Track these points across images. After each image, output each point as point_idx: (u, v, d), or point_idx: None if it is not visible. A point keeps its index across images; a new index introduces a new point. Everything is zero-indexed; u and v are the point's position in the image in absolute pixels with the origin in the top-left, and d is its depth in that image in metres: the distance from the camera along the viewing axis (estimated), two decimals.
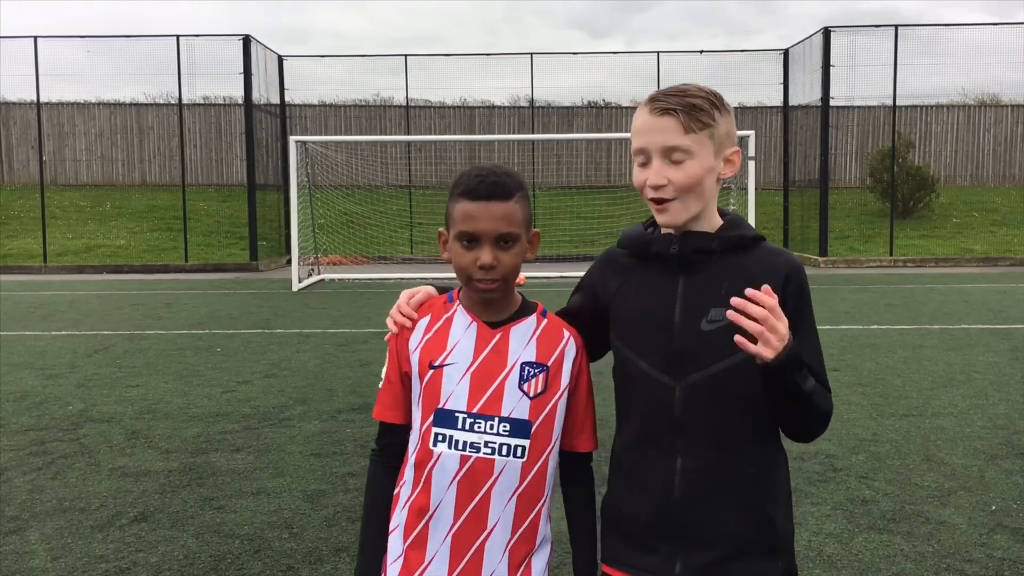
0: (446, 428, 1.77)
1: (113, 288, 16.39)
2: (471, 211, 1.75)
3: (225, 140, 26.31)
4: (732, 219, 1.77)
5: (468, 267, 1.76)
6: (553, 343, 1.84)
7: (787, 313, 1.64)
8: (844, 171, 26.19)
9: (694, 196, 1.69)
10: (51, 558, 3.84)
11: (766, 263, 1.71)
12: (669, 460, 1.70)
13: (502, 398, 1.77)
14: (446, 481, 1.76)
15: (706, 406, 1.68)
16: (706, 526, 1.69)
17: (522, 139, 24.77)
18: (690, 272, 1.72)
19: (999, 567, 3.66)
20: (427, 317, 1.85)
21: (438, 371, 1.78)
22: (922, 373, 7.62)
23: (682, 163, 1.67)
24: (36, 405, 6.74)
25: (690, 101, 1.67)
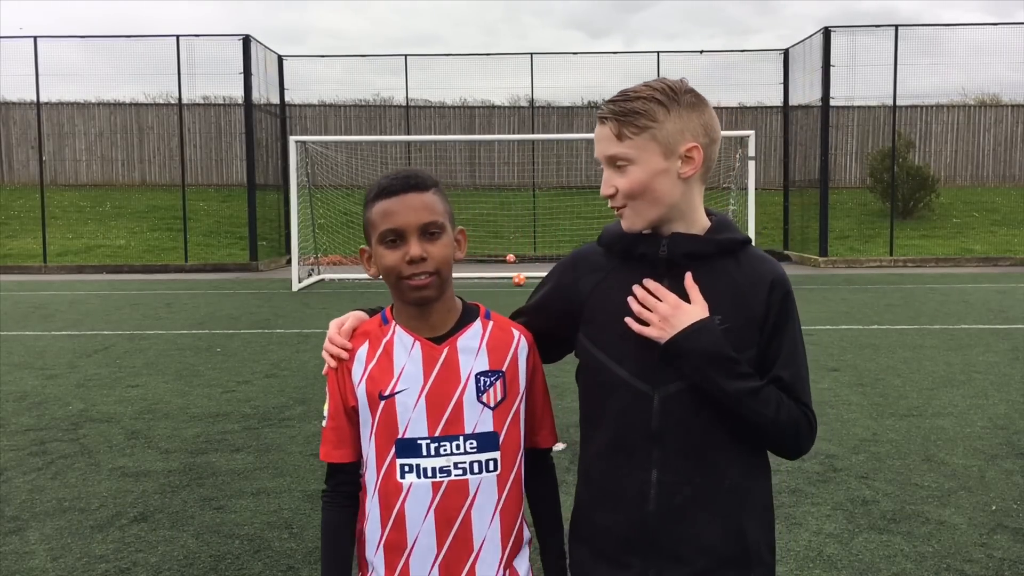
0: (411, 458, 1.69)
1: (113, 288, 16.38)
2: (389, 207, 1.68)
3: (225, 140, 26.31)
4: (720, 221, 1.70)
5: (397, 265, 1.67)
6: (504, 346, 1.76)
7: (769, 322, 1.64)
8: (844, 171, 26.19)
9: (645, 202, 1.62)
10: (51, 558, 3.84)
11: (752, 269, 1.66)
12: (644, 472, 1.63)
13: (463, 415, 1.70)
14: (421, 513, 1.69)
15: (685, 416, 1.62)
16: (682, 540, 1.63)
17: (522, 139, 24.77)
18: (675, 276, 1.64)
19: (999, 567, 3.66)
20: (364, 345, 1.75)
21: (390, 400, 1.70)
22: (922, 373, 7.61)
23: (624, 169, 1.62)
24: (36, 405, 6.74)
25: (626, 106, 1.60)
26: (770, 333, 1.65)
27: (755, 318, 1.63)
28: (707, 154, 1.64)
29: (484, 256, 21.19)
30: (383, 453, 1.71)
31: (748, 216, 16.27)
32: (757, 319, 1.63)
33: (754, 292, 1.64)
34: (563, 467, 5.03)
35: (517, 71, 24.22)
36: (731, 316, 1.62)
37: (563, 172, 25.37)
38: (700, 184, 1.68)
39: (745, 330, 1.63)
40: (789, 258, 22.07)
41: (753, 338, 1.64)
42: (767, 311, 1.64)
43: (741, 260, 1.68)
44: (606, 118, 1.63)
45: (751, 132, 16.68)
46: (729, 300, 1.63)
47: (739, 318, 1.63)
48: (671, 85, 1.63)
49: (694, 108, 1.63)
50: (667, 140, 1.60)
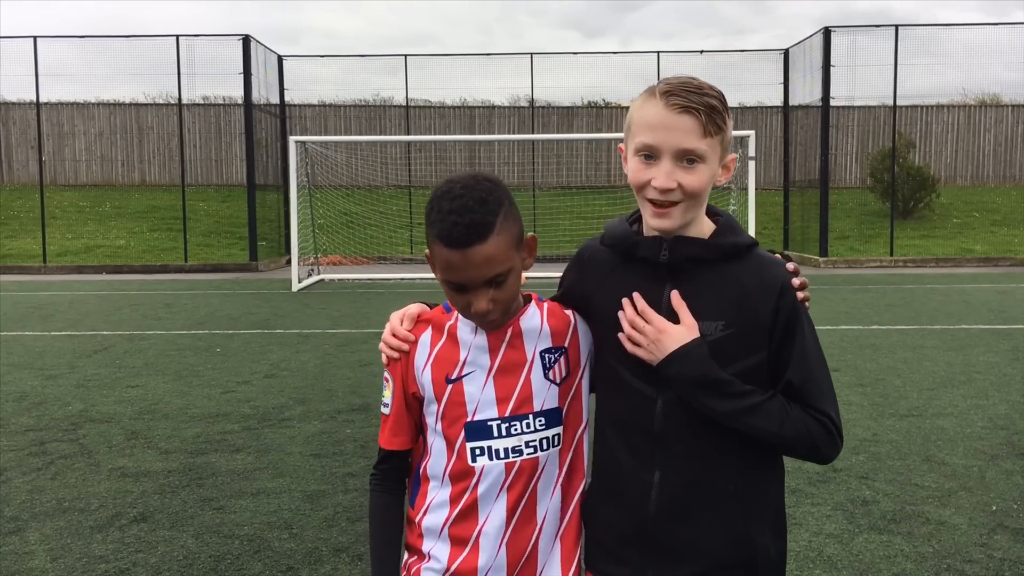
0: (482, 440, 1.69)
1: (113, 288, 16.38)
2: (451, 261, 1.60)
3: (225, 140, 26.30)
4: (725, 223, 1.68)
5: (461, 309, 1.68)
6: (563, 323, 1.78)
7: (779, 327, 1.61)
8: (844, 171, 26.18)
9: (697, 203, 1.61)
10: (51, 558, 3.84)
11: (759, 275, 1.62)
12: (646, 473, 1.63)
13: (531, 393, 1.71)
14: (493, 494, 1.69)
15: (688, 420, 1.60)
16: (680, 542, 1.62)
17: (522, 139, 24.76)
18: (679, 280, 1.62)
19: (999, 567, 3.66)
20: (428, 330, 1.75)
21: (458, 384, 1.70)
22: (922, 373, 7.61)
23: (694, 167, 1.56)
24: (36, 405, 6.74)
25: (708, 101, 1.55)
26: (780, 339, 1.62)
27: (763, 323, 1.61)
28: None
29: None
30: (452, 438, 1.71)
31: (748, 216, 16.26)
32: (766, 324, 1.61)
33: (762, 297, 1.60)
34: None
35: (517, 71, 24.22)
36: (736, 321, 1.60)
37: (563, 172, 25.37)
38: None
39: (752, 335, 1.61)
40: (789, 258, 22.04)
41: (761, 343, 1.61)
42: (776, 317, 1.61)
43: (747, 263, 1.64)
44: (696, 109, 1.53)
45: (751, 132, 16.68)
46: (734, 305, 1.61)
47: (745, 323, 1.60)
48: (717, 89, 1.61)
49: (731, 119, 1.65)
50: (726, 146, 1.62)
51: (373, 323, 11.05)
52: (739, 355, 1.60)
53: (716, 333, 1.60)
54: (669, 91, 1.55)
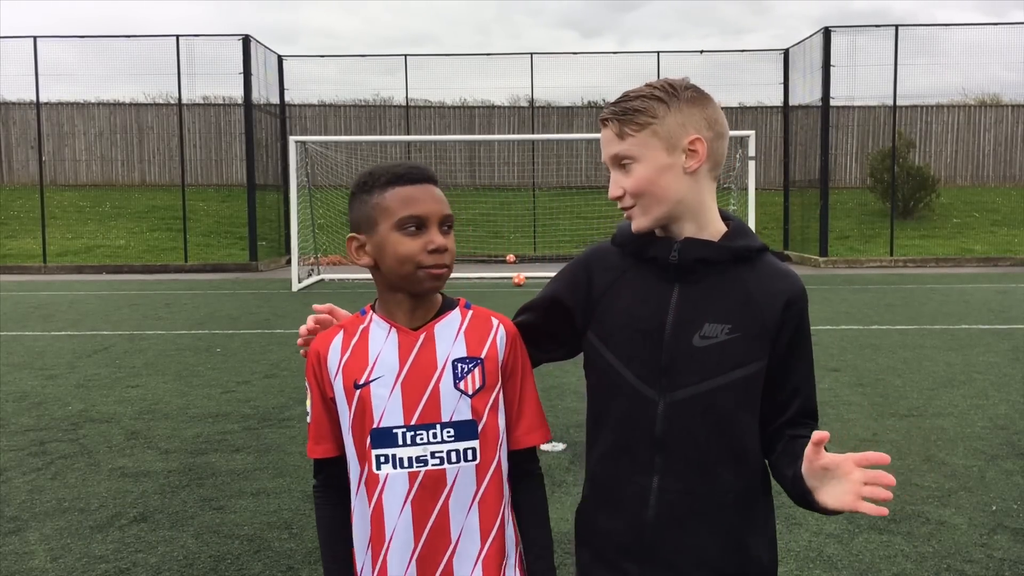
0: (386, 448, 1.64)
1: (113, 288, 16.38)
2: (411, 194, 1.65)
3: (225, 140, 26.31)
4: (737, 226, 1.67)
5: (416, 254, 1.63)
6: (483, 333, 1.71)
7: (782, 339, 1.61)
8: (844, 171, 26.19)
9: (653, 198, 1.61)
10: (51, 558, 3.84)
11: (768, 284, 1.62)
12: (645, 478, 1.61)
13: (439, 402, 1.65)
14: (398, 505, 1.64)
15: (689, 425, 1.59)
16: (679, 551, 1.60)
17: (522, 139, 24.76)
18: (687, 281, 1.62)
19: (999, 568, 3.66)
20: (340, 334, 1.72)
21: (365, 389, 1.65)
22: (922, 373, 7.61)
23: (628, 168, 1.61)
24: (36, 405, 6.74)
25: (625, 105, 1.60)
26: (785, 350, 1.63)
27: (767, 331, 1.61)
28: (712, 148, 1.62)
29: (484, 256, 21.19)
30: (361, 445, 1.67)
31: (748, 216, 16.26)
32: (769, 333, 1.61)
33: (769, 305, 1.61)
34: (563, 467, 5.03)
35: (517, 71, 24.22)
36: (741, 325, 1.60)
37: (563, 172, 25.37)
38: (710, 182, 1.65)
39: (755, 341, 1.61)
40: (789, 258, 22.07)
41: (763, 350, 1.61)
42: (781, 328, 1.61)
43: (757, 268, 1.64)
44: (607, 119, 1.63)
45: (751, 132, 16.67)
46: (740, 309, 1.60)
47: (750, 328, 1.60)
48: (670, 82, 1.63)
49: (695, 103, 1.61)
50: (668, 135, 1.59)
51: None
52: (744, 359, 1.60)
53: (721, 336, 1.59)
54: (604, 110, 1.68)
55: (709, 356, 1.59)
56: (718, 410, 1.59)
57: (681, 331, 1.61)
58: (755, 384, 1.61)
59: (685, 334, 1.60)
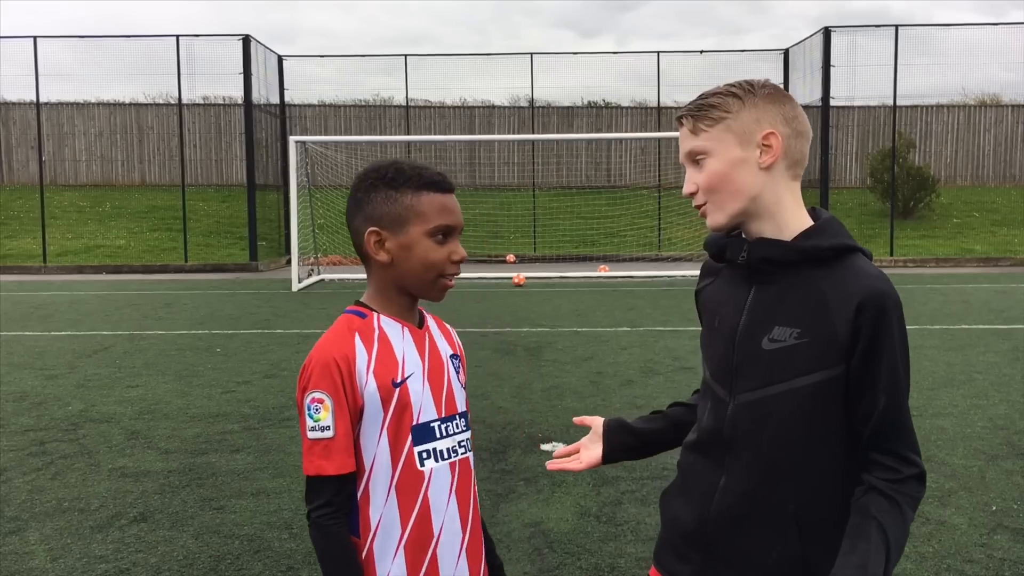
0: (427, 443, 1.66)
1: (113, 288, 16.38)
2: (447, 203, 1.69)
3: (225, 140, 26.32)
4: (820, 225, 1.59)
5: (442, 263, 1.68)
6: (448, 333, 1.85)
7: (860, 348, 1.48)
8: (844, 171, 26.19)
9: (726, 194, 1.58)
10: (51, 558, 3.83)
11: (843, 286, 1.50)
12: (715, 475, 1.63)
13: (454, 394, 1.75)
14: (444, 499, 1.67)
15: (753, 429, 1.56)
16: (735, 549, 1.60)
17: (522, 139, 24.77)
18: (763, 282, 1.58)
19: (999, 567, 3.65)
20: (356, 338, 1.66)
21: (403, 387, 1.65)
22: (922, 373, 7.61)
23: (701, 164, 1.60)
24: (36, 405, 6.74)
25: (700, 103, 1.60)
26: (861, 362, 1.50)
27: (838, 338, 1.50)
28: (789, 145, 1.58)
29: (484, 256, 21.19)
30: (399, 445, 1.64)
31: None
32: (840, 340, 1.50)
33: (840, 310, 1.50)
34: None
35: (517, 71, 24.22)
36: (810, 330, 1.53)
37: (563, 172, 25.38)
38: (789, 180, 1.61)
39: (825, 347, 1.51)
40: None
41: (835, 359, 1.51)
42: (854, 334, 1.49)
43: (836, 270, 1.54)
44: (683, 117, 1.63)
45: None
46: (811, 313, 1.53)
47: (819, 334, 1.52)
48: (748, 80, 1.61)
49: (772, 99, 1.59)
50: (742, 129, 1.57)
51: None
52: (810, 367, 1.52)
53: (789, 340, 1.53)
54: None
55: (775, 360, 1.54)
56: (780, 417, 1.54)
57: (752, 333, 1.58)
58: (824, 395, 1.52)
59: (755, 335, 1.57)
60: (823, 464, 1.55)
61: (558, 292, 14.85)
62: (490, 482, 4.77)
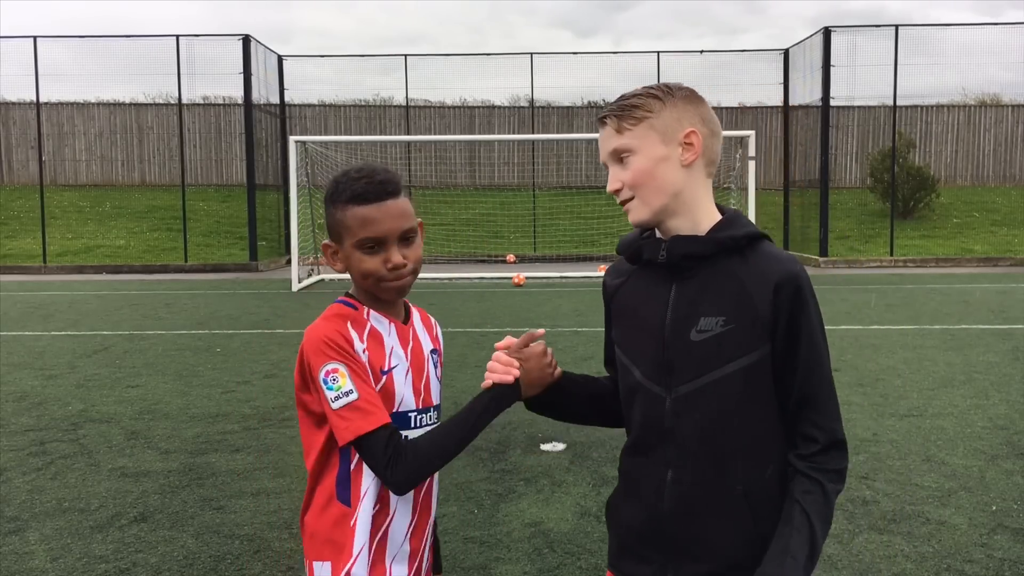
0: (403, 430, 1.74)
1: (112, 288, 16.38)
2: (368, 215, 1.70)
3: (225, 140, 26.31)
4: (728, 218, 1.68)
5: (376, 271, 1.72)
6: (431, 327, 1.94)
7: (781, 325, 1.60)
8: (844, 171, 26.19)
9: (651, 189, 1.64)
10: (51, 558, 3.84)
11: (758, 271, 1.61)
12: (660, 470, 1.67)
13: (431, 388, 1.85)
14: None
15: (695, 418, 1.62)
16: (695, 540, 1.65)
17: (522, 139, 24.76)
18: (682, 278, 1.66)
19: (999, 567, 3.66)
20: (349, 323, 1.75)
21: (389, 375, 1.75)
22: (922, 373, 7.61)
23: (626, 162, 1.65)
24: (36, 405, 6.74)
25: (623, 103, 1.66)
26: (784, 339, 1.60)
27: (762, 320, 1.59)
28: (708, 143, 1.66)
29: (484, 256, 21.19)
30: None
31: (748, 216, 16.27)
32: (764, 321, 1.59)
33: (760, 293, 1.60)
34: (563, 467, 5.02)
35: (516, 71, 24.22)
36: (736, 316, 1.61)
37: (563, 172, 25.37)
38: (705, 178, 1.68)
39: (750, 331, 1.60)
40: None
41: (761, 339, 1.61)
42: (775, 315, 1.59)
43: (749, 257, 1.64)
44: (606, 117, 1.69)
45: (751, 132, 16.68)
46: (734, 300, 1.61)
47: (744, 319, 1.60)
48: (666, 83, 1.70)
49: (690, 101, 1.67)
50: (665, 128, 1.64)
51: None
52: (740, 351, 1.61)
53: (716, 328, 1.61)
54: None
55: (707, 350, 1.62)
56: (721, 402, 1.61)
57: (679, 327, 1.64)
58: (756, 376, 1.61)
59: (683, 330, 1.64)
60: (764, 442, 1.64)
61: (558, 292, 14.85)
62: (490, 482, 4.77)
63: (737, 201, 17.47)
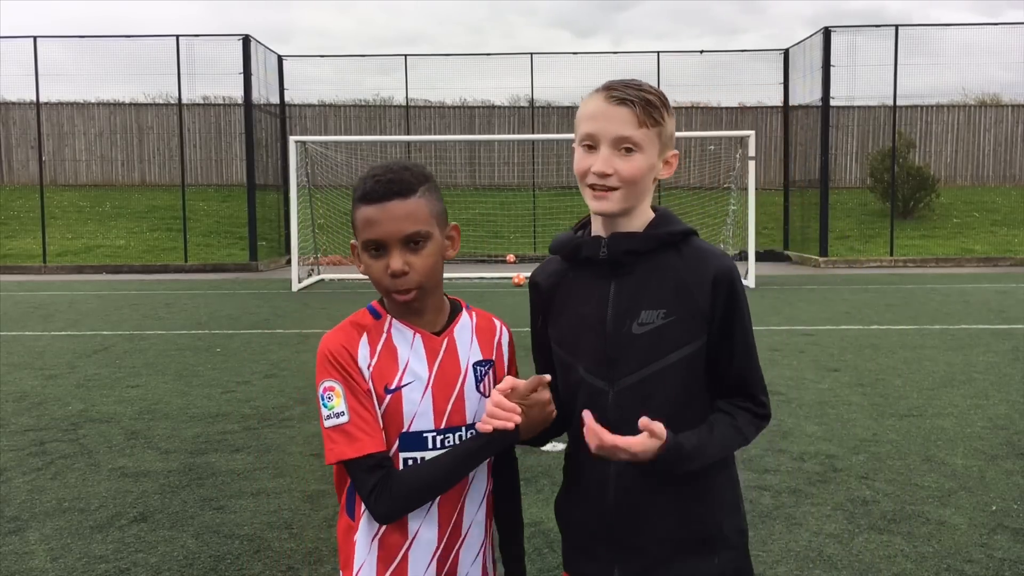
0: (415, 451, 1.67)
1: (112, 288, 16.38)
2: (370, 216, 1.63)
3: (225, 140, 26.31)
4: (661, 215, 1.74)
5: (381, 277, 1.65)
6: (490, 336, 1.80)
7: (717, 316, 1.67)
8: (844, 171, 26.18)
9: (635, 190, 1.67)
10: (51, 558, 3.84)
11: (695, 265, 1.68)
12: (604, 465, 1.69)
13: (464, 405, 1.71)
14: (425, 507, 1.68)
15: (638, 409, 1.64)
16: (640, 531, 1.69)
17: (522, 139, 24.76)
18: (620, 274, 1.70)
19: (999, 568, 3.65)
20: (363, 337, 1.70)
21: (397, 394, 1.67)
22: (922, 373, 7.61)
23: (631, 155, 1.65)
24: (36, 405, 6.74)
25: (645, 96, 1.65)
26: (720, 328, 1.68)
27: (700, 311, 1.67)
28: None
29: (484, 256, 21.19)
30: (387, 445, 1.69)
31: (748, 216, 16.26)
32: (703, 313, 1.67)
33: (698, 286, 1.67)
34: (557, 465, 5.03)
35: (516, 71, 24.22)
36: (676, 309, 1.67)
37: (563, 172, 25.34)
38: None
39: (690, 322, 1.67)
40: (789, 258, 22.06)
41: (700, 330, 1.67)
42: (713, 307, 1.67)
43: (684, 252, 1.70)
44: (631, 101, 1.64)
45: (751, 132, 16.67)
46: (673, 293, 1.67)
47: (684, 311, 1.67)
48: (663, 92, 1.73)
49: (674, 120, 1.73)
50: (665, 141, 1.70)
51: None
52: (680, 342, 1.67)
53: (657, 321, 1.66)
54: (609, 86, 1.67)
55: (648, 342, 1.67)
56: (664, 392, 1.67)
57: (620, 322, 1.69)
58: (696, 363, 1.68)
59: (624, 323, 1.68)
60: (700, 423, 1.69)
61: None
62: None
63: (737, 201, 17.46)
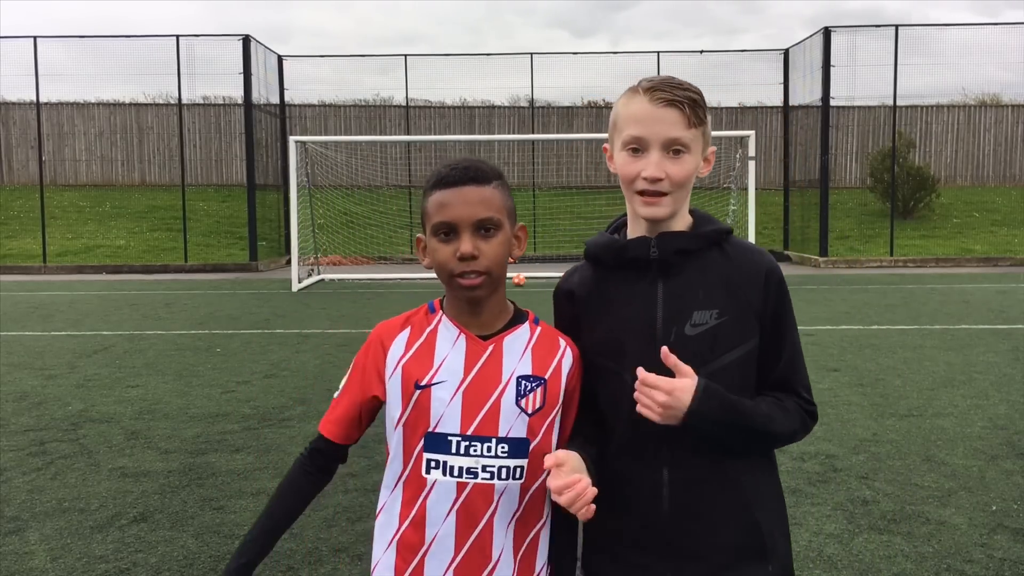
0: (439, 453, 1.64)
1: (113, 288, 16.38)
2: (444, 199, 1.63)
3: (225, 140, 26.31)
4: (701, 215, 1.72)
5: (448, 261, 1.62)
6: (549, 353, 1.71)
7: (768, 314, 1.65)
8: (844, 171, 26.19)
9: (683, 192, 1.65)
10: (51, 558, 3.83)
11: (743, 260, 1.67)
12: (655, 472, 1.63)
13: (498, 417, 1.64)
14: (443, 512, 1.64)
15: None
16: (697, 538, 1.63)
17: (522, 139, 24.77)
18: (669, 275, 1.65)
19: (999, 568, 3.65)
20: (406, 331, 1.71)
21: (426, 391, 1.64)
22: (922, 373, 7.61)
23: (680, 157, 1.61)
24: (36, 405, 6.74)
25: (690, 95, 1.61)
26: (772, 326, 1.66)
27: (753, 309, 1.64)
28: None
29: None
30: (411, 445, 1.67)
31: (748, 216, 16.26)
32: (756, 310, 1.64)
33: (750, 283, 1.64)
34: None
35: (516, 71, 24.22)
36: (728, 308, 1.63)
37: (563, 172, 25.36)
38: None
39: (743, 321, 1.64)
40: (789, 258, 22.06)
41: (753, 329, 1.64)
42: (765, 302, 1.65)
43: (728, 250, 1.68)
44: (679, 102, 1.60)
45: (751, 132, 16.68)
46: (724, 291, 1.64)
47: (736, 309, 1.63)
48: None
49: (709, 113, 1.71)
50: (706, 139, 1.68)
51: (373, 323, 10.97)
52: (735, 342, 1.63)
53: (711, 321, 1.62)
54: (653, 87, 1.63)
55: (703, 343, 1.62)
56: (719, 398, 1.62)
57: (672, 324, 1.64)
58: (749, 365, 1.66)
59: (677, 325, 1.63)
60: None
61: None
62: None
63: (737, 201, 17.46)
